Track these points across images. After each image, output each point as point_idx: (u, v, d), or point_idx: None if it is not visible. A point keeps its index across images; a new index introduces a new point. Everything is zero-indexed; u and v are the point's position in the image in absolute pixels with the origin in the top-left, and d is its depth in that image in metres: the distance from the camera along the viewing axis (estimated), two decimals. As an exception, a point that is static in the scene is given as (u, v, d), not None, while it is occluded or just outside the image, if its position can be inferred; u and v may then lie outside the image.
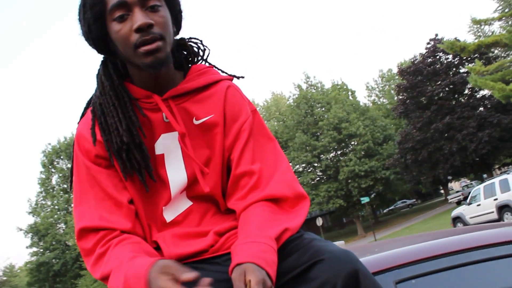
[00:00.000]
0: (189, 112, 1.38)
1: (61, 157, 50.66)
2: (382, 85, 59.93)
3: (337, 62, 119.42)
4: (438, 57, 37.12)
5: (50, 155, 50.68)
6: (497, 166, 42.97)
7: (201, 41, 1.52)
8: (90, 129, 1.35)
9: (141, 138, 1.33)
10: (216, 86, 1.43)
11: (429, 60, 37.16)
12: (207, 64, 1.52)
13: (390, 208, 59.65)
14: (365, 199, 32.34)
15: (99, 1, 1.28)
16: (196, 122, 1.38)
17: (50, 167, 50.97)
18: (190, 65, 1.48)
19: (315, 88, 47.27)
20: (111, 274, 1.20)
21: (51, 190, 50.69)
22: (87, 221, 1.31)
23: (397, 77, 49.86)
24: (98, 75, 1.41)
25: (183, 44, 1.50)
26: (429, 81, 36.73)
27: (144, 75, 1.34)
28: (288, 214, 1.32)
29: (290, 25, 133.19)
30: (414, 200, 61.88)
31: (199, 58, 1.51)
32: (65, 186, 49.67)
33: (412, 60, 39.10)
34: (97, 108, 1.37)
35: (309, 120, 43.14)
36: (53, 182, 51.09)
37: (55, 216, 49.29)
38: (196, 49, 1.51)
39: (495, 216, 16.88)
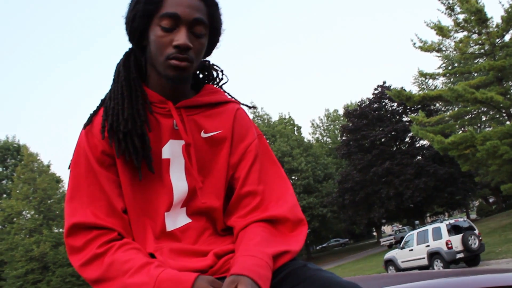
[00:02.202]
0: (199, 124, 1.41)
1: None
2: (327, 124, 61.19)
3: (286, 96, 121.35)
4: (384, 103, 38.42)
5: None
6: (429, 214, 44.45)
7: (222, 70, 1.58)
8: (100, 123, 1.37)
9: (145, 130, 1.34)
10: (227, 105, 1.48)
11: (375, 105, 38.38)
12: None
13: (323, 245, 60.31)
14: (300, 234, 32.58)
15: (156, 1, 1.32)
16: (204, 135, 1.41)
17: None
18: (204, 84, 1.54)
19: (262, 119, 47.74)
20: (123, 277, 1.19)
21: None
22: (80, 217, 1.29)
23: (342, 118, 51.09)
24: (118, 65, 1.44)
25: (207, 66, 1.57)
26: (373, 126, 37.87)
27: (162, 82, 1.39)
28: (287, 238, 1.34)
29: (241, 55, 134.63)
30: (347, 239, 62.86)
31: (215, 83, 1.57)
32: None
33: (359, 103, 40.25)
34: (107, 96, 1.41)
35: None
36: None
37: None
38: (215, 74, 1.58)
39: (425, 262, 17.37)
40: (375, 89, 39.21)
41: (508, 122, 24.00)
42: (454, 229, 16.80)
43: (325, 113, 61.76)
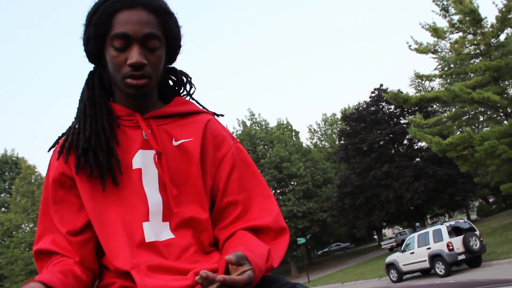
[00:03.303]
0: (170, 133, 1.40)
1: None
2: (325, 128, 61.23)
3: (284, 102, 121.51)
4: (381, 106, 38.44)
5: None
6: (429, 216, 44.42)
7: (191, 78, 1.57)
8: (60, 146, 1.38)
9: (112, 145, 1.34)
10: (198, 116, 1.47)
11: (373, 108, 38.40)
12: (191, 100, 1.57)
13: (325, 250, 60.24)
14: (301, 240, 32.51)
15: (104, 23, 1.32)
16: (175, 143, 1.39)
17: None
18: (173, 97, 1.54)
19: (259, 125, 47.75)
20: None
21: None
22: (42, 244, 1.33)
23: (339, 122, 51.14)
24: (84, 85, 1.45)
25: (174, 72, 1.56)
26: (371, 129, 37.87)
27: (126, 97, 1.39)
28: (270, 246, 1.32)
29: (238, 61, 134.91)
30: (348, 243, 62.80)
31: (184, 91, 1.57)
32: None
33: (357, 107, 40.27)
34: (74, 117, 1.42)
35: (251, 157, 43.27)
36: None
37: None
38: (183, 81, 1.57)
39: (427, 264, 17.32)
40: (372, 92, 39.23)
41: (505, 122, 24.00)
42: (454, 231, 16.76)
43: (323, 117, 61.84)
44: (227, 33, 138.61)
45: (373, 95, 38.98)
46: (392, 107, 37.66)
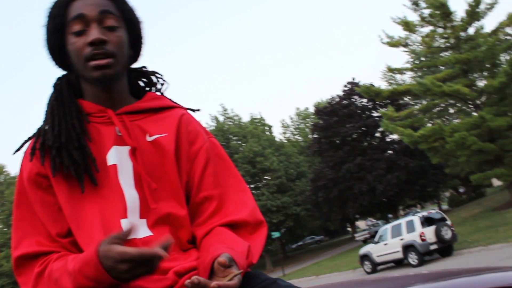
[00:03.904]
0: (143, 129, 1.38)
1: None
2: (298, 122, 61.45)
3: (257, 97, 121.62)
4: (353, 100, 38.74)
5: None
6: (401, 207, 45.04)
7: (161, 75, 1.56)
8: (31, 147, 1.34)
9: (84, 142, 1.30)
10: (171, 111, 1.45)
11: (345, 102, 38.67)
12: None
13: (299, 243, 60.58)
14: (276, 234, 32.66)
15: (60, 13, 1.32)
16: (149, 139, 1.36)
17: None
18: (146, 92, 1.52)
19: (232, 120, 47.67)
20: (58, 281, 1.15)
21: None
22: (24, 248, 1.26)
23: (312, 116, 51.39)
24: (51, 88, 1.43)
25: (144, 73, 1.54)
26: (344, 122, 38.12)
27: (96, 90, 1.36)
28: (248, 240, 1.31)
29: (209, 56, 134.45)
30: (322, 236, 63.28)
31: (157, 89, 1.55)
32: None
33: (329, 101, 40.50)
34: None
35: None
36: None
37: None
38: (155, 81, 1.55)
39: (400, 255, 17.57)
40: (345, 86, 39.46)
41: (474, 114, 24.44)
42: (427, 221, 17.05)
43: (296, 111, 62.05)
44: (198, 28, 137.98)
45: (345, 88, 39.22)
46: (365, 100, 37.98)
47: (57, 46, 1.36)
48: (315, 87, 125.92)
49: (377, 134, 38.56)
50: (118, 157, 1.33)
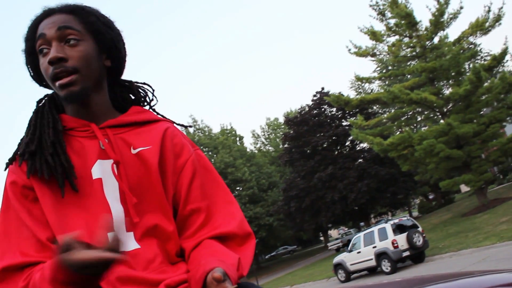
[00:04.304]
0: (127, 142, 1.37)
1: None
2: (269, 132, 61.60)
3: (226, 107, 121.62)
4: (323, 109, 39.04)
5: None
6: (373, 215, 45.44)
7: (153, 90, 1.57)
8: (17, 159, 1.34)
9: (58, 149, 1.30)
10: (156, 124, 1.45)
11: (315, 111, 38.94)
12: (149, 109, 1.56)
13: (272, 254, 60.46)
14: (249, 245, 32.49)
15: (31, 36, 1.35)
16: (133, 152, 1.36)
17: None
18: (132, 105, 1.52)
19: (203, 132, 47.52)
20: None
21: None
22: (8, 260, 1.21)
23: (283, 126, 51.59)
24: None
25: (130, 87, 1.54)
26: (314, 132, 38.38)
27: (75, 107, 1.36)
28: (237, 253, 1.31)
29: (178, 67, 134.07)
30: (295, 246, 63.30)
31: (145, 104, 1.55)
32: None
33: (299, 110, 40.73)
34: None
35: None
36: None
37: None
38: (143, 95, 1.55)
39: (373, 263, 17.68)
40: (314, 96, 39.79)
41: (442, 121, 24.87)
42: (398, 228, 17.23)
43: (266, 121, 62.21)
44: (166, 38, 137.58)
45: (315, 98, 39.53)
46: (334, 109, 38.31)
47: (34, 67, 1.39)
48: (285, 97, 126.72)
49: (348, 143, 38.90)
50: (102, 170, 1.32)
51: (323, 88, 39.92)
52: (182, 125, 1.56)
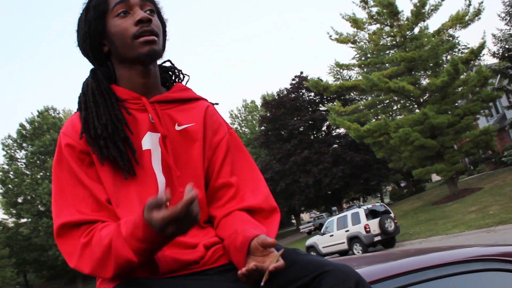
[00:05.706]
0: (172, 118, 1.47)
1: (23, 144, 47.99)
2: (245, 114, 61.52)
3: (205, 88, 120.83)
4: (301, 93, 39.14)
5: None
6: (345, 200, 45.96)
7: (180, 70, 1.67)
8: (75, 125, 1.41)
9: (126, 133, 1.39)
10: (198, 102, 1.57)
11: (293, 95, 39.02)
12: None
13: (244, 235, 60.72)
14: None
15: (103, 2, 1.43)
16: (178, 128, 1.47)
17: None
18: (174, 83, 1.62)
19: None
20: (109, 246, 1.21)
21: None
22: (66, 217, 1.30)
23: (260, 109, 51.55)
24: (85, 82, 1.49)
25: (170, 66, 1.65)
26: (291, 115, 38.49)
27: (133, 76, 1.45)
28: (263, 225, 1.42)
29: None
30: (267, 228, 63.64)
31: (182, 81, 1.66)
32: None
33: (277, 93, 40.74)
34: (80, 107, 1.45)
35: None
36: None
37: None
38: (177, 74, 1.66)
39: (345, 246, 18.03)
40: (293, 80, 39.82)
41: (417, 110, 25.25)
42: (371, 214, 17.54)
43: (243, 103, 62.10)
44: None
45: (293, 82, 39.56)
46: (312, 94, 38.45)
47: (97, 34, 1.45)
48: (263, 80, 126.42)
49: (324, 128, 39.17)
50: (151, 142, 1.43)
51: (301, 73, 40.01)
52: (214, 103, 1.66)
